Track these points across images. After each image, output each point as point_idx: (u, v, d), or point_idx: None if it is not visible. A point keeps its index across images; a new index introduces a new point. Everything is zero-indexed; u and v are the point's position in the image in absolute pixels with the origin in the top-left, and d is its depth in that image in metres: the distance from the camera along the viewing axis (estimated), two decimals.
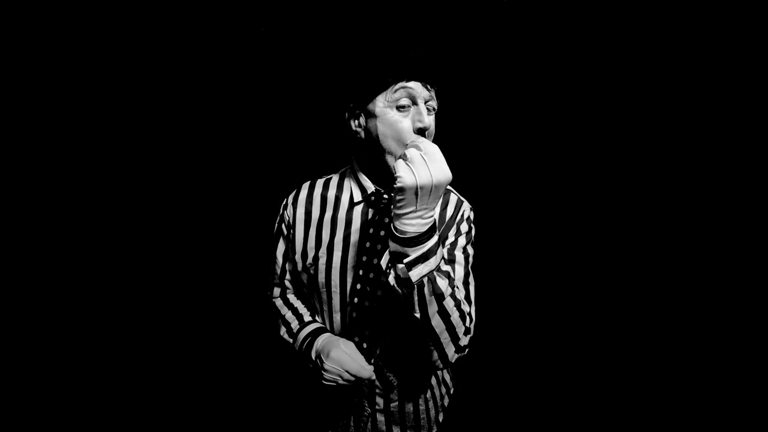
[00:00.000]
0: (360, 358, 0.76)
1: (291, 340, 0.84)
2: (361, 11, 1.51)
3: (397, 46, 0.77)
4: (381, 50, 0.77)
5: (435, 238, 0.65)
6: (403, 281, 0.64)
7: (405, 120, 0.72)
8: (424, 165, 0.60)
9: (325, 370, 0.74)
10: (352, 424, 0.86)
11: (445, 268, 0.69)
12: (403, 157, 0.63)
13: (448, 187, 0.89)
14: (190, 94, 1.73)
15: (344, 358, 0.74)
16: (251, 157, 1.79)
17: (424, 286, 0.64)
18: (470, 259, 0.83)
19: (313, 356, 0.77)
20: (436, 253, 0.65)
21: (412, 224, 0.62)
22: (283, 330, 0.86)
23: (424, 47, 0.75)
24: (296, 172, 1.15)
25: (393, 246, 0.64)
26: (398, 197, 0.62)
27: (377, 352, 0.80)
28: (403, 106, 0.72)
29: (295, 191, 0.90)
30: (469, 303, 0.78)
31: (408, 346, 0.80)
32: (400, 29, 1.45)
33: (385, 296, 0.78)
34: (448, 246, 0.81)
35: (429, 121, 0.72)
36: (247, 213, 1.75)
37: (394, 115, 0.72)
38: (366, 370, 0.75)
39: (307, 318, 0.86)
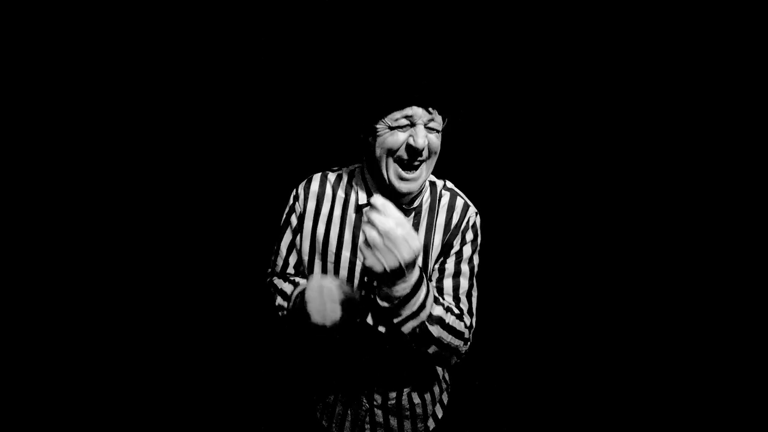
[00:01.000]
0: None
1: (286, 304, 0.81)
2: (359, 35, 1.52)
3: (397, 73, 0.77)
4: (378, 77, 0.77)
5: (423, 291, 0.65)
6: (395, 332, 0.66)
7: (401, 134, 0.73)
8: (387, 250, 0.60)
9: (307, 300, 0.70)
10: (348, 419, 0.88)
11: (437, 312, 0.70)
12: (366, 243, 0.61)
13: (455, 188, 0.90)
14: (211, 97, 1.76)
15: (316, 276, 0.73)
16: (259, 151, 1.80)
17: (416, 332, 0.66)
18: (475, 270, 0.84)
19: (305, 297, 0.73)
20: (425, 306, 0.66)
21: (397, 290, 0.63)
22: (279, 299, 0.84)
23: (423, 72, 0.75)
24: (301, 164, 1.15)
25: (382, 304, 0.65)
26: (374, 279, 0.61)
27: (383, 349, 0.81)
28: (401, 126, 0.73)
29: (305, 181, 0.89)
30: (471, 315, 0.80)
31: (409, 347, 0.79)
32: (399, 56, 1.44)
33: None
34: (453, 255, 0.82)
35: (422, 142, 0.72)
36: (252, 205, 1.75)
37: (393, 132, 0.73)
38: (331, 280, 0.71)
39: (303, 283, 0.82)
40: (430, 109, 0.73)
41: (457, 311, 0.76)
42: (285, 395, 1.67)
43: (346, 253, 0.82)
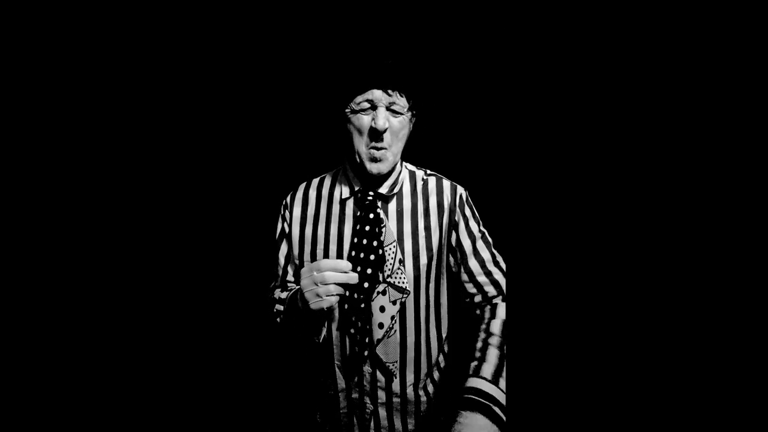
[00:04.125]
0: (325, 260, 0.72)
1: (281, 307, 0.85)
2: (318, 23, 1.56)
3: (354, 58, 0.83)
4: (341, 62, 0.83)
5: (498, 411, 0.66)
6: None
7: (365, 117, 0.78)
8: None
9: (302, 288, 0.71)
10: (355, 422, 0.87)
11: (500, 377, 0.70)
12: None
13: (437, 173, 0.93)
14: (194, 99, 1.78)
15: (309, 264, 0.73)
16: (250, 160, 1.84)
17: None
18: (489, 238, 0.90)
19: (298, 299, 0.75)
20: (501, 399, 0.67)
21: None
22: (276, 305, 0.88)
23: (380, 56, 0.82)
24: (295, 173, 1.18)
25: None
26: None
27: (374, 342, 0.81)
28: (364, 109, 0.78)
29: (291, 192, 0.95)
30: (503, 279, 0.87)
31: (404, 338, 0.83)
32: (357, 41, 1.49)
33: (372, 289, 0.81)
34: (465, 234, 0.87)
35: (382, 124, 0.76)
36: (247, 215, 1.78)
37: (359, 116, 0.79)
38: (329, 261, 0.70)
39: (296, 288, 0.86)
40: (390, 91, 0.77)
41: (500, 311, 0.82)
42: (287, 402, 1.67)
43: (333, 247, 0.84)
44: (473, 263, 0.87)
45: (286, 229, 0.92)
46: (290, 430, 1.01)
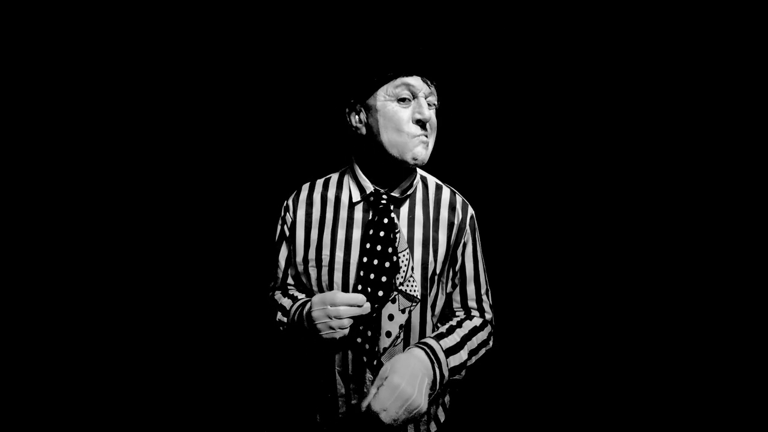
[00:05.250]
0: (341, 293, 0.74)
1: (285, 319, 0.83)
2: (363, 5, 1.49)
3: (399, 40, 0.77)
4: (382, 44, 0.77)
5: (439, 381, 0.72)
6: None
7: (405, 111, 0.74)
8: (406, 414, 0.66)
9: (314, 318, 0.72)
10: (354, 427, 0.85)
11: (456, 362, 0.76)
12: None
13: (449, 186, 0.91)
14: (187, 94, 1.71)
15: (323, 295, 0.74)
16: (251, 158, 1.78)
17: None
18: (485, 266, 0.92)
19: (305, 319, 0.76)
20: (446, 376, 0.74)
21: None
22: (279, 315, 0.85)
23: (425, 42, 0.76)
24: (296, 172, 1.14)
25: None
26: None
27: (380, 351, 0.79)
28: (403, 99, 0.73)
29: (294, 192, 0.91)
30: (491, 309, 0.90)
31: (410, 345, 0.81)
32: (402, 23, 1.43)
33: (386, 297, 0.78)
34: (471, 257, 0.88)
35: (428, 113, 0.73)
36: (247, 215, 1.73)
37: (394, 106, 0.74)
38: (345, 295, 0.73)
39: (301, 298, 0.85)
40: (429, 82, 0.74)
41: (476, 320, 0.85)
42: (286, 404, 1.67)
43: (339, 253, 0.81)
44: (470, 288, 0.88)
45: (287, 232, 0.88)
46: (290, 430, 0.99)
